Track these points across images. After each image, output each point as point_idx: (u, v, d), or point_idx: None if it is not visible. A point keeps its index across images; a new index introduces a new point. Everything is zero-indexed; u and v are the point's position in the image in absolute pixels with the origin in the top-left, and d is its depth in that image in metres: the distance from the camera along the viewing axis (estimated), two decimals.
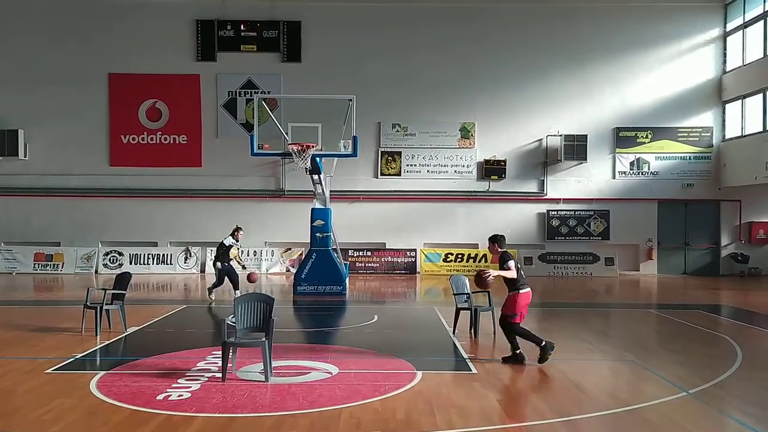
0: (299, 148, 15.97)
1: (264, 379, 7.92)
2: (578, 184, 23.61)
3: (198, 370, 8.46)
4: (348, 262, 21.13)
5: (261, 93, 22.48)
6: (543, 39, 23.43)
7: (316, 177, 17.35)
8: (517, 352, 9.01)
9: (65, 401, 7.11)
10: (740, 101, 22.78)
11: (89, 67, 23.33)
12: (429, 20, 23.40)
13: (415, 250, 23.31)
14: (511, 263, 9.15)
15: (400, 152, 23.58)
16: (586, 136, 23.02)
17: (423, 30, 23.41)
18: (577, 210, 23.59)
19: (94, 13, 23.40)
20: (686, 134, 23.59)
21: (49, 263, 22.85)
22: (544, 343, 8.85)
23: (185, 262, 23.06)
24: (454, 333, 11.06)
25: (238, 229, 15.95)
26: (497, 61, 23.46)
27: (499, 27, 23.50)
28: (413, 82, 23.39)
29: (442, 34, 23.40)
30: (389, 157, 23.61)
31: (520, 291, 9.10)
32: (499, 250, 9.63)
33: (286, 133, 16.89)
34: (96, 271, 22.71)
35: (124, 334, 10.93)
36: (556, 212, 23.59)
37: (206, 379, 8.01)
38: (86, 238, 23.16)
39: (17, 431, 6.24)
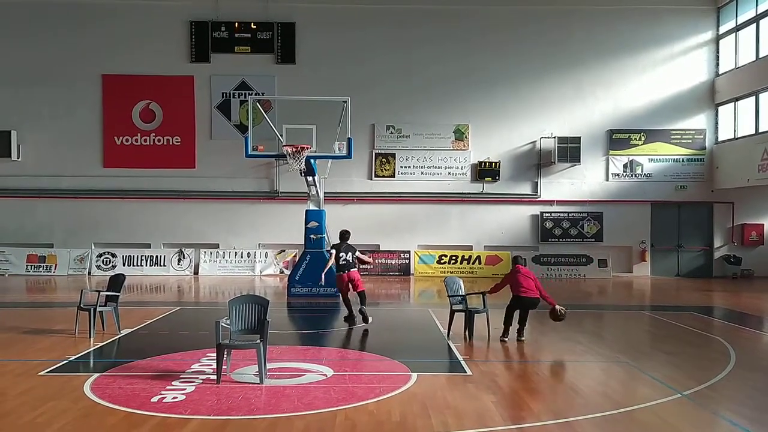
0: (293, 149, 15.98)
1: (259, 381, 7.91)
2: (572, 186, 23.68)
3: (192, 372, 8.45)
4: None
5: (255, 94, 22.45)
6: (536, 41, 23.50)
7: (310, 179, 17.35)
8: None
9: (59, 404, 7.08)
10: (733, 104, 22.89)
11: (82, 68, 23.26)
12: (423, 22, 23.43)
13: (409, 251, 23.32)
14: None
15: (394, 154, 23.60)
16: (579, 138, 23.10)
17: (417, 32, 23.43)
18: (571, 212, 23.65)
19: (88, 14, 23.31)
20: (679, 136, 23.70)
21: (42, 265, 22.74)
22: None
23: (179, 264, 22.99)
24: (448, 335, 11.07)
25: None
26: (491, 63, 23.51)
27: (492, 29, 23.55)
28: (407, 84, 23.42)
29: (436, 36, 23.44)
30: (383, 159, 23.62)
31: None
32: None
33: (281, 135, 16.90)
34: (89, 273, 22.62)
35: (117, 336, 10.90)
36: (549, 214, 23.65)
37: (201, 381, 7.99)
38: (79, 240, 23.07)
39: None
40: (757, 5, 21.83)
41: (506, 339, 10.74)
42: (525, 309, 10.92)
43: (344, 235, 13.27)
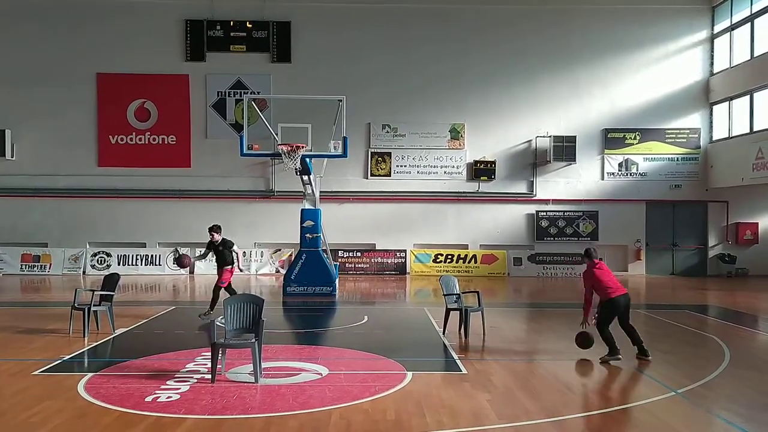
0: (289, 148, 15.95)
1: (253, 381, 7.90)
2: (567, 185, 23.72)
3: (187, 371, 8.43)
4: (338, 263, 21.13)
5: (250, 93, 22.41)
6: (532, 40, 23.53)
7: (305, 178, 17.34)
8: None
9: (53, 403, 7.06)
10: (727, 103, 22.96)
11: (77, 67, 23.20)
12: (419, 21, 23.44)
13: (404, 250, 23.32)
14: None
15: (390, 153, 23.60)
16: (575, 137, 23.13)
17: (413, 31, 23.44)
18: (566, 211, 23.68)
19: (83, 13, 23.25)
20: (674, 136, 23.75)
21: (36, 264, 22.67)
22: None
23: (173, 264, 22.91)
24: (444, 333, 11.07)
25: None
26: (487, 62, 23.53)
27: (488, 29, 23.57)
28: (403, 82, 23.41)
29: (432, 35, 23.44)
30: (379, 158, 23.61)
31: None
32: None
33: (276, 134, 16.87)
34: (84, 272, 22.55)
35: (112, 336, 10.87)
36: (545, 213, 23.68)
37: (195, 380, 7.97)
38: (74, 239, 23.00)
39: None
40: (751, 4, 21.89)
41: (620, 357, 9.07)
42: (624, 313, 9.33)
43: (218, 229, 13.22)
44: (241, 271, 14.08)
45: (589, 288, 9.43)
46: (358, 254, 23.26)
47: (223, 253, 13.10)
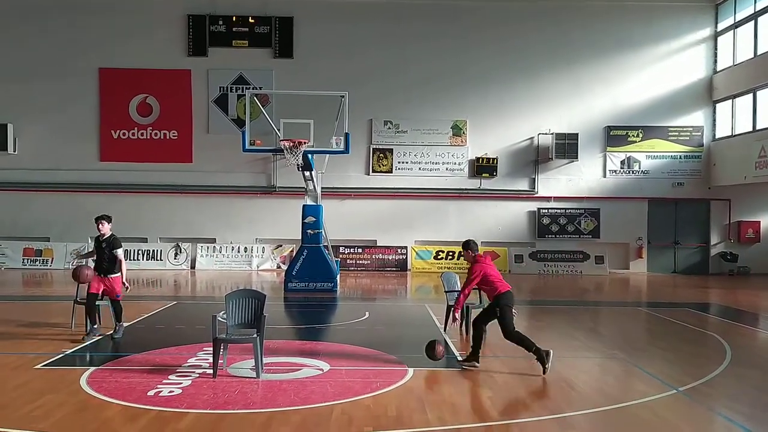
0: (291, 144, 15.95)
1: (255, 376, 7.91)
2: (569, 182, 23.69)
3: (189, 366, 8.44)
4: (339, 259, 21.17)
5: (253, 89, 22.39)
6: (534, 37, 23.48)
7: (307, 173, 17.33)
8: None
9: (55, 397, 7.07)
10: (730, 101, 22.90)
11: (79, 62, 23.18)
12: (422, 17, 23.39)
13: (406, 247, 23.32)
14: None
15: (392, 149, 23.58)
16: (577, 134, 23.10)
17: (416, 27, 23.39)
18: (568, 208, 23.67)
19: (85, 7, 23.22)
20: (677, 133, 23.71)
21: (38, 258, 22.70)
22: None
23: (175, 258, 22.96)
24: (445, 330, 11.08)
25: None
26: (489, 59, 23.48)
27: (491, 25, 23.52)
28: (405, 79, 23.37)
29: (435, 32, 23.40)
30: (381, 154, 23.60)
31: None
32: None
33: (278, 130, 16.87)
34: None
35: (114, 330, 10.85)
36: (546, 210, 23.66)
37: (197, 375, 7.99)
38: (76, 234, 22.94)
39: (6, 427, 6.19)
40: (755, 2, 21.83)
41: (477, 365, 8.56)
42: (509, 310, 8.60)
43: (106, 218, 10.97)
44: (127, 288, 10.73)
45: (477, 281, 8.62)
46: (360, 250, 23.26)
47: (104, 253, 10.65)
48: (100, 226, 10.87)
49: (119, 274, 10.47)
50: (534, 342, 8.45)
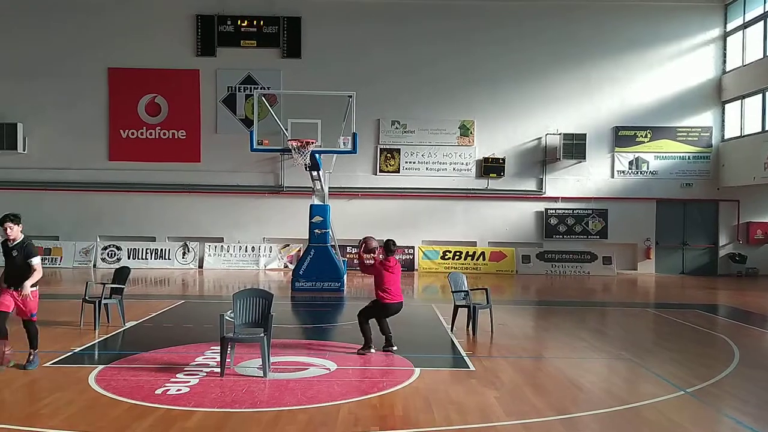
0: (299, 144, 15.99)
1: (262, 375, 7.93)
2: (577, 182, 23.63)
3: (196, 365, 8.47)
4: (346, 259, 21.18)
5: (261, 89, 22.42)
6: (543, 37, 23.43)
7: (315, 173, 17.37)
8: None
9: (63, 395, 7.12)
10: (740, 101, 22.79)
11: (89, 62, 23.30)
12: (429, 17, 23.39)
13: (413, 247, 23.31)
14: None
15: (399, 149, 23.58)
16: (585, 135, 23.04)
17: (423, 27, 23.39)
18: (576, 209, 23.61)
19: (94, 8, 23.35)
20: (685, 134, 23.61)
21: (47, 257, 22.77)
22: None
23: (183, 258, 23.04)
24: (452, 330, 11.07)
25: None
26: (497, 58, 23.45)
27: (498, 25, 23.50)
28: (413, 79, 23.37)
29: (442, 32, 23.39)
30: (388, 154, 23.61)
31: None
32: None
33: (286, 129, 16.90)
34: (94, 266, 22.69)
35: (122, 329, 10.94)
36: (554, 211, 23.61)
37: (205, 374, 8.02)
38: (85, 233, 23.13)
39: (15, 425, 6.23)
40: (765, 2, 21.70)
41: (373, 350, 9.30)
42: (388, 317, 9.58)
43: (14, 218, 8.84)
44: (25, 297, 8.13)
45: (371, 275, 9.63)
46: None
47: (15, 261, 8.32)
48: (8, 229, 8.67)
49: (36, 288, 8.28)
50: (371, 340, 9.24)
